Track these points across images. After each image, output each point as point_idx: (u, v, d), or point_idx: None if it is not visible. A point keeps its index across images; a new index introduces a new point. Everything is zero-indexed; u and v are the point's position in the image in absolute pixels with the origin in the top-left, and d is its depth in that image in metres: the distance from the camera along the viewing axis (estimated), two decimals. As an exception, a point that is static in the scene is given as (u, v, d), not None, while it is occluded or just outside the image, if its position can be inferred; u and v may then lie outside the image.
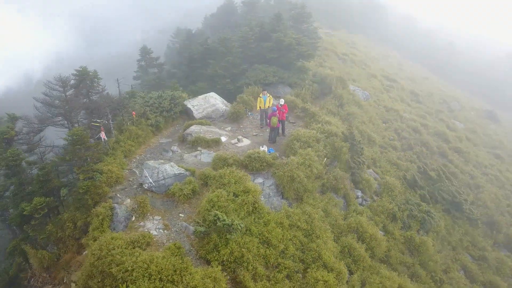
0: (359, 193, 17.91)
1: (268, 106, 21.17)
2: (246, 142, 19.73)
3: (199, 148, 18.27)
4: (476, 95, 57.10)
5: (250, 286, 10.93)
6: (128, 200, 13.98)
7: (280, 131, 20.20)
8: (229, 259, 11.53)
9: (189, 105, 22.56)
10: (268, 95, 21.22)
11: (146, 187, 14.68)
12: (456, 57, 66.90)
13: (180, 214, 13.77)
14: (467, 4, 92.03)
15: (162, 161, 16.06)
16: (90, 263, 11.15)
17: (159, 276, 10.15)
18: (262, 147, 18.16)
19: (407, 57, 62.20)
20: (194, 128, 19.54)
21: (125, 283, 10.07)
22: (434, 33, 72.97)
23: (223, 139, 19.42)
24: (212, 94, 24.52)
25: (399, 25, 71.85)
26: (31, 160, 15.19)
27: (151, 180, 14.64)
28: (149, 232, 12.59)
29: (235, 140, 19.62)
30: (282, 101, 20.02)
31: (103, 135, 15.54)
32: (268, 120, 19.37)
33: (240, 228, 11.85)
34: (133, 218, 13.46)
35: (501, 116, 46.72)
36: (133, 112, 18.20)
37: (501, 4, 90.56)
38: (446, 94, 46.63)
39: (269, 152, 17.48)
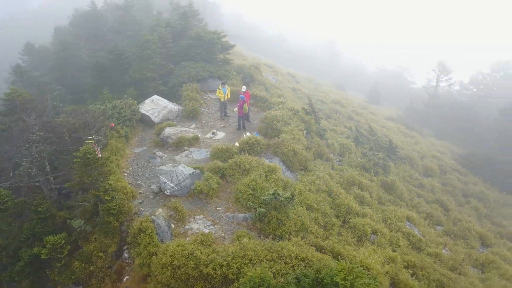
0: (333, 155, 20.57)
1: (227, 97, 21.77)
2: (221, 134, 20.00)
3: (185, 148, 17.79)
4: (302, 70, 68.54)
5: (324, 245, 12.04)
6: (160, 210, 13.06)
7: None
8: (295, 229, 12.38)
9: (143, 111, 21.19)
10: (227, 87, 21.77)
11: (168, 193, 13.85)
12: (286, 44, 79.44)
13: (218, 208, 13.65)
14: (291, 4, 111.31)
15: (171, 164, 15.23)
16: (167, 276, 10.43)
17: (260, 258, 10.39)
18: (245, 134, 18.89)
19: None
20: (169, 130, 18.74)
21: (233, 276, 9.96)
22: (261, 26, 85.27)
23: (199, 136, 19.28)
24: (156, 96, 23.46)
25: (230, 19, 79.67)
26: (19, 200, 12.27)
27: (172, 185, 13.88)
28: (204, 231, 12.27)
29: (210, 135, 19.70)
30: (244, 88, 20.90)
31: (98, 152, 13.68)
32: (237, 109, 20.01)
33: (295, 199, 12.77)
34: (173, 225, 12.74)
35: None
36: (112, 124, 16.32)
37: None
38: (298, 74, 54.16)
39: (257, 135, 18.37)
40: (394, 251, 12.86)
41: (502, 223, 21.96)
